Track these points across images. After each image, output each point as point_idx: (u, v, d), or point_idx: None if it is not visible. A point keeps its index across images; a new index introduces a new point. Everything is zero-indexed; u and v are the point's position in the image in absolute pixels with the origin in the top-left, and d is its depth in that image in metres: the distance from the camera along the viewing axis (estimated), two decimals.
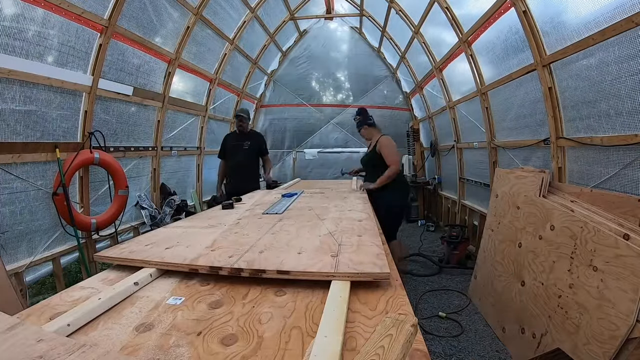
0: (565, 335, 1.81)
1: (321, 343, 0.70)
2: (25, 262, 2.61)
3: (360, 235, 1.51)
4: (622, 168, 2.12)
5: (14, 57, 2.43)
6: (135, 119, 3.91)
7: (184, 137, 4.92)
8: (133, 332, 0.81)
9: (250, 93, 6.86)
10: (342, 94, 7.79)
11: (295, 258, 1.20)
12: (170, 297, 1.00)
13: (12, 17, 2.39)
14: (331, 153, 7.32)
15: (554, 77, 2.66)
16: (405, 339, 0.65)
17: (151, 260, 1.22)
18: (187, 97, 4.85)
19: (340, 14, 7.19)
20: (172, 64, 4.20)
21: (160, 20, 3.80)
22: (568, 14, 2.41)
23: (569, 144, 2.59)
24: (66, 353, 0.64)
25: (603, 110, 2.24)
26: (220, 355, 0.71)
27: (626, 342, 1.49)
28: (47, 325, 0.79)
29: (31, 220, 2.71)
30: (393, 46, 6.45)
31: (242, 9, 5.21)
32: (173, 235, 1.58)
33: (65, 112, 2.96)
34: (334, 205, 2.37)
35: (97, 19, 2.97)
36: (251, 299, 0.98)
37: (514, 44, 3.05)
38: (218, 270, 1.12)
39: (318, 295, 0.99)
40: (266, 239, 1.49)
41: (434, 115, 5.95)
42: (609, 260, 1.66)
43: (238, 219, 1.97)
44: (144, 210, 3.98)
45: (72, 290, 1.07)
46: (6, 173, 2.47)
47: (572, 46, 2.33)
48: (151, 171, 4.29)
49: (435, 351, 2.37)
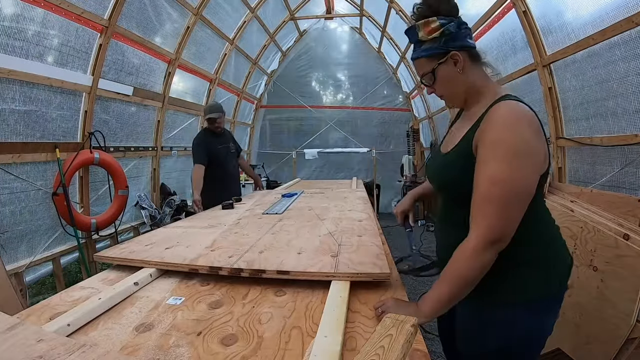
0: (565, 335, 1.81)
1: (321, 343, 0.70)
2: (25, 262, 2.61)
3: (360, 236, 1.50)
4: (622, 168, 2.12)
5: (14, 57, 2.43)
6: (135, 119, 3.91)
7: (184, 137, 4.91)
8: (133, 332, 0.81)
9: (250, 93, 6.86)
10: (342, 94, 7.79)
11: (295, 258, 1.20)
12: (170, 297, 1.00)
13: (12, 17, 2.39)
14: (331, 153, 7.32)
15: (554, 77, 2.66)
16: (405, 339, 0.65)
17: (151, 260, 1.22)
18: (187, 97, 4.85)
19: (340, 14, 7.18)
20: (172, 64, 4.20)
21: (160, 20, 3.80)
22: (568, 14, 2.41)
23: (569, 144, 2.59)
24: (66, 353, 0.64)
25: (603, 110, 2.24)
26: (220, 355, 0.71)
27: (626, 342, 1.49)
28: (47, 325, 0.78)
29: (31, 220, 2.71)
30: (393, 46, 6.45)
31: (242, 9, 5.21)
32: (173, 235, 1.58)
33: (65, 112, 2.96)
34: (334, 205, 2.37)
35: (97, 19, 2.97)
36: (251, 299, 0.98)
37: (514, 44, 3.05)
38: (218, 270, 1.12)
39: (318, 295, 0.99)
40: (266, 239, 1.49)
41: (434, 115, 5.96)
42: (609, 260, 1.66)
43: (238, 219, 1.97)
44: (144, 210, 3.98)
45: (72, 290, 1.07)
46: (6, 173, 2.47)
47: (572, 46, 2.33)
48: (151, 171, 4.29)
49: (435, 351, 2.37)
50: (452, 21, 0.89)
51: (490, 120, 0.84)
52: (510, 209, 0.79)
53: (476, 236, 0.80)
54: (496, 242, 0.79)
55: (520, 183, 0.80)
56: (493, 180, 0.79)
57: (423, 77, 0.97)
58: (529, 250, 0.89)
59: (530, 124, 0.82)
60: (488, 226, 0.79)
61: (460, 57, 0.90)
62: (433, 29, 0.89)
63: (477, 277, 0.81)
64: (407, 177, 6.43)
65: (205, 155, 3.00)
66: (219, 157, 3.09)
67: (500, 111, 0.84)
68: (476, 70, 0.94)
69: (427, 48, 0.92)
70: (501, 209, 0.79)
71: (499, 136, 0.81)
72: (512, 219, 0.80)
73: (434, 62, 0.92)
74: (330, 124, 7.55)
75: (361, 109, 7.52)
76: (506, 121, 0.82)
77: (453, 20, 0.89)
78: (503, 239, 0.80)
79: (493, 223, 0.79)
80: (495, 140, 0.81)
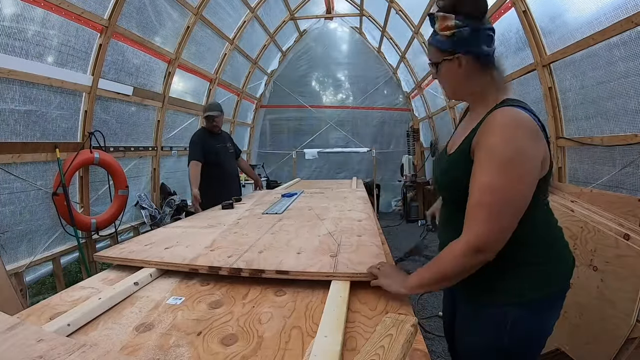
0: (565, 335, 1.81)
1: (321, 343, 0.70)
2: (25, 262, 2.61)
3: (359, 235, 1.50)
4: (622, 168, 2.12)
5: (14, 57, 2.43)
6: (135, 119, 3.92)
7: (184, 137, 4.91)
8: (133, 332, 0.81)
9: (250, 93, 6.86)
10: (342, 94, 7.79)
11: (295, 258, 1.19)
12: (170, 297, 1.00)
13: (12, 17, 2.39)
14: (331, 153, 7.32)
15: (554, 77, 2.66)
16: (405, 339, 0.65)
17: (151, 260, 1.22)
18: (187, 97, 4.86)
19: (340, 14, 7.19)
20: (172, 63, 4.20)
21: (160, 20, 3.80)
22: (568, 14, 2.42)
23: (569, 144, 2.59)
24: (66, 353, 0.64)
25: (603, 110, 2.24)
26: (220, 355, 0.71)
27: (626, 342, 1.49)
28: (47, 325, 0.78)
29: (31, 220, 2.71)
30: (393, 46, 6.46)
31: (242, 9, 5.21)
32: (172, 235, 1.58)
33: (65, 112, 2.96)
34: (333, 205, 2.37)
35: (97, 19, 2.97)
36: (251, 299, 0.98)
37: (514, 44, 3.05)
38: (217, 270, 1.12)
39: (318, 295, 0.99)
40: (265, 239, 1.49)
41: (434, 115, 5.96)
42: (609, 260, 1.66)
43: (238, 219, 1.97)
44: (144, 210, 3.98)
45: (72, 290, 1.07)
46: (6, 173, 2.47)
47: (572, 46, 2.33)
48: (151, 171, 4.29)
49: (435, 351, 2.37)
50: (467, 25, 0.87)
51: (488, 125, 0.84)
52: (502, 218, 0.79)
53: (466, 241, 0.81)
54: (481, 252, 0.80)
55: (513, 192, 0.79)
56: (486, 187, 0.80)
57: (430, 63, 0.99)
58: (530, 251, 0.89)
59: (527, 130, 0.82)
60: (476, 234, 0.80)
61: (464, 62, 0.90)
62: (447, 27, 0.88)
63: (456, 277, 0.84)
64: (407, 177, 6.44)
65: (201, 153, 2.96)
66: (217, 156, 3.05)
67: (498, 118, 0.84)
68: (482, 75, 0.92)
69: (439, 40, 0.92)
70: (492, 217, 0.79)
71: (495, 143, 0.81)
72: (503, 228, 0.80)
73: (440, 56, 0.93)
74: (330, 124, 7.55)
75: (361, 109, 7.53)
76: (503, 129, 0.81)
77: (469, 25, 0.87)
78: (489, 250, 0.80)
79: (482, 231, 0.79)
80: (491, 147, 0.81)
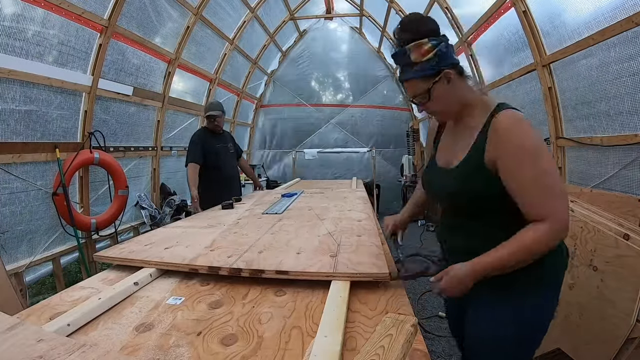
0: (566, 335, 1.81)
1: (321, 343, 0.70)
2: (25, 262, 2.61)
3: (359, 236, 1.50)
4: (622, 168, 2.12)
5: (14, 57, 2.43)
6: (135, 119, 3.91)
7: (184, 137, 4.91)
8: (133, 332, 0.81)
9: (250, 93, 6.86)
10: (342, 93, 7.79)
11: (294, 258, 1.20)
12: (170, 297, 1.00)
13: (12, 17, 2.39)
14: (331, 153, 7.32)
15: (553, 77, 2.66)
16: (405, 339, 0.65)
17: (151, 260, 1.22)
18: (187, 97, 4.86)
19: (340, 14, 7.19)
20: (172, 63, 4.20)
21: (160, 20, 3.80)
22: (568, 14, 2.42)
23: (569, 144, 2.59)
24: (66, 353, 0.64)
25: (603, 110, 2.24)
26: (220, 355, 0.71)
27: (626, 342, 1.49)
28: (47, 325, 0.78)
29: (31, 220, 2.71)
30: (393, 46, 6.45)
31: (242, 9, 5.21)
32: (172, 235, 1.58)
33: (65, 112, 2.96)
34: (333, 205, 2.37)
35: (97, 19, 2.97)
36: (251, 299, 0.98)
37: (514, 44, 3.05)
38: (217, 270, 1.12)
39: (318, 295, 0.99)
40: (265, 239, 1.49)
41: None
42: (609, 260, 1.66)
43: (237, 219, 1.97)
44: (144, 210, 3.98)
45: (72, 290, 1.07)
46: (6, 173, 2.47)
47: (572, 46, 2.33)
48: (151, 171, 4.29)
49: (435, 351, 2.37)
50: (442, 41, 0.92)
51: (502, 132, 0.88)
52: (564, 194, 0.88)
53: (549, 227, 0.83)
54: (564, 231, 0.85)
55: (556, 171, 0.88)
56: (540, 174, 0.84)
57: (416, 97, 0.98)
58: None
59: (531, 125, 0.88)
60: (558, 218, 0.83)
61: (451, 75, 0.93)
62: (427, 50, 0.91)
63: (537, 252, 0.85)
64: (407, 177, 6.43)
65: (201, 153, 2.93)
66: (217, 156, 3.02)
67: (507, 122, 0.88)
68: (464, 84, 0.98)
69: (420, 69, 0.93)
70: (560, 194, 0.85)
71: (519, 141, 0.86)
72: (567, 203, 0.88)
73: (429, 82, 0.94)
74: (330, 124, 7.55)
75: (361, 109, 7.53)
76: (518, 128, 0.87)
77: (443, 40, 0.92)
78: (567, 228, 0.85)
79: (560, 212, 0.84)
80: (518, 147, 0.85)
